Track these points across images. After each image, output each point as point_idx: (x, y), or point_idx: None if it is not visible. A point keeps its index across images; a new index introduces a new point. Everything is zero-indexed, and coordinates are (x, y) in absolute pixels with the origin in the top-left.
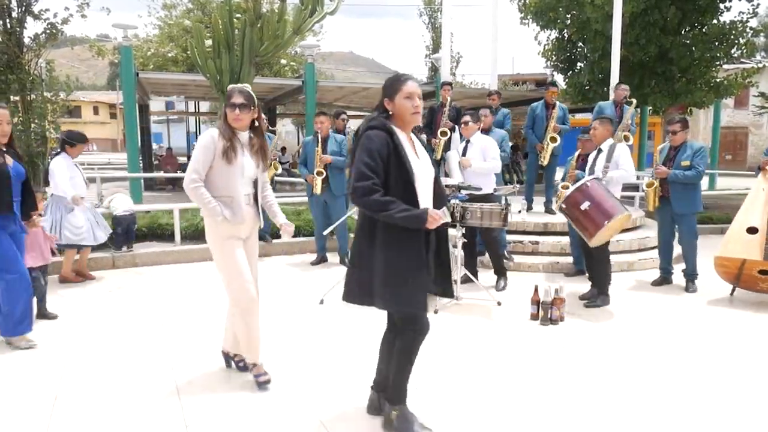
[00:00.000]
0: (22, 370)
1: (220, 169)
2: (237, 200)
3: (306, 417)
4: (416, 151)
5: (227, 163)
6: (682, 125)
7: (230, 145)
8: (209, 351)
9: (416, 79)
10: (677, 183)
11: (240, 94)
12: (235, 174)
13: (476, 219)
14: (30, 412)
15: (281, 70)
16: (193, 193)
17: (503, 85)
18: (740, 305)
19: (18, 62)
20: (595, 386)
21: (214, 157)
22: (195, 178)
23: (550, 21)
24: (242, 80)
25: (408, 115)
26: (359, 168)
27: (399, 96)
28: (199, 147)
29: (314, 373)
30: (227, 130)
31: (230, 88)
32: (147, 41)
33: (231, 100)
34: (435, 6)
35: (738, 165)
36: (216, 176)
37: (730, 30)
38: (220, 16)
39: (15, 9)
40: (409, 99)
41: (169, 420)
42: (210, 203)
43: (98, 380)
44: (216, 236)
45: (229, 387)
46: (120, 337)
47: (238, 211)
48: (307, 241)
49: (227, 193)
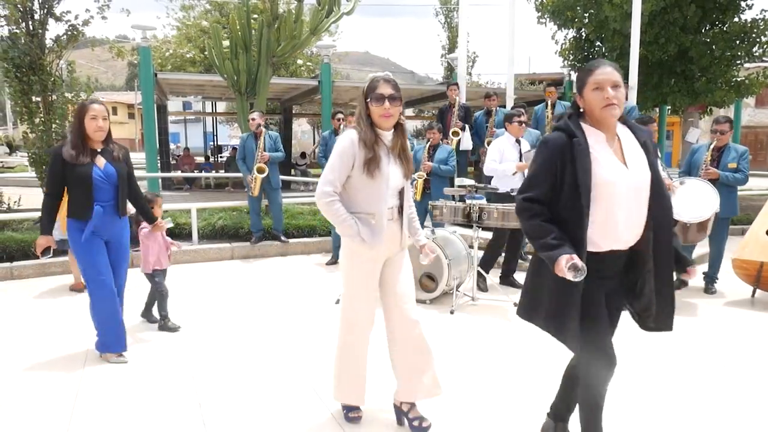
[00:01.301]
0: (41, 368)
1: (360, 181)
2: (379, 218)
3: (321, 414)
4: (624, 157)
5: (369, 177)
6: (730, 125)
7: (373, 155)
8: (227, 349)
9: (615, 65)
10: (724, 185)
11: (387, 84)
12: (379, 187)
13: (494, 219)
14: (47, 410)
15: (297, 71)
16: (327, 209)
17: (519, 84)
18: (761, 307)
19: (40, 63)
20: (612, 387)
21: (353, 165)
22: (329, 192)
23: (567, 20)
24: (259, 80)
25: (597, 110)
26: (526, 176)
27: (587, 89)
28: (336, 153)
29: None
30: (369, 133)
31: (373, 78)
32: (165, 42)
33: (377, 91)
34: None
35: (759, 165)
36: (355, 189)
37: (752, 28)
38: (238, 17)
39: (37, 11)
40: (598, 90)
41: (188, 418)
42: (345, 221)
43: (117, 378)
44: (351, 255)
45: (246, 386)
46: (137, 336)
47: (379, 232)
48: (323, 241)
49: (368, 209)
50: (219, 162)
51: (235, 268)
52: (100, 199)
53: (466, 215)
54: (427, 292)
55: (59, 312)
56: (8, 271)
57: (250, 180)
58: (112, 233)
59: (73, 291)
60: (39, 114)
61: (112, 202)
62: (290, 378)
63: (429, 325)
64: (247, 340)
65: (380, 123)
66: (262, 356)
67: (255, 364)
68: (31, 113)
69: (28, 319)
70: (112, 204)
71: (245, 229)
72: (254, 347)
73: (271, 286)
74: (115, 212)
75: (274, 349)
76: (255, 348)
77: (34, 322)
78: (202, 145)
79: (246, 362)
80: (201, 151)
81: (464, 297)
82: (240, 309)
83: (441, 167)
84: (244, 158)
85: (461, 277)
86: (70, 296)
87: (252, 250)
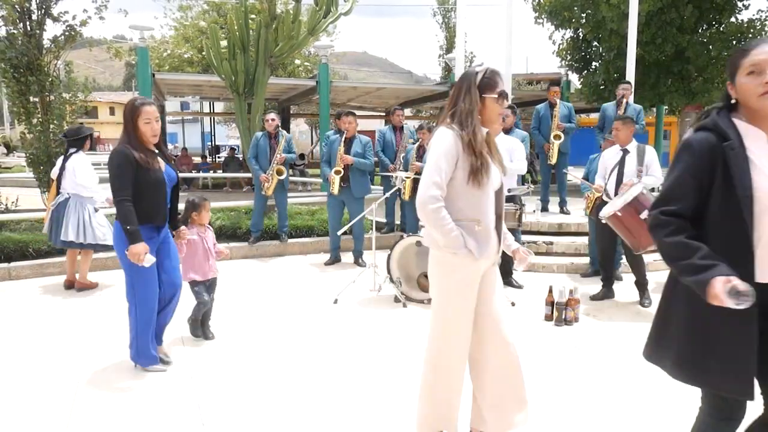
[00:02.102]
0: (39, 368)
1: (462, 186)
2: (486, 225)
3: (320, 416)
4: None
5: (476, 186)
6: None
7: (482, 162)
8: (225, 349)
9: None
10: None
11: (502, 80)
12: (485, 191)
13: None
14: (46, 411)
15: (295, 71)
16: (433, 217)
17: (517, 84)
18: None
19: (38, 64)
20: (610, 387)
21: (455, 168)
22: (436, 196)
23: (564, 20)
24: (257, 81)
25: (754, 99)
26: (664, 187)
27: (740, 74)
28: (440, 152)
29: (329, 374)
30: (480, 134)
31: (488, 70)
32: (163, 42)
33: (499, 88)
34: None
35: None
36: (455, 194)
37: (749, 29)
38: (236, 18)
39: (35, 11)
40: (754, 75)
41: (187, 417)
42: (452, 231)
43: (115, 379)
44: (448, 271)
45: (245, 386)
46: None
47: (486, 243)
48: (321, 241)
49: (473, 215)
50: (216, 162)
51: (233, 268)
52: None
53: None
54: (425, 292)
55: (57, 312)
56: (6, 272)
57: (263, 179)
58: (162, 237)
59: (70, 289)
60: (37, 114)
61: (169, 206)
62: (289, 378)
63: (427, 324)
64: (246, 340)
65: (494, 120)
66: (261, 356)
67: (253, 365)
68: (28, 114)
69: (26, 319)
70: (169, 207)
71: (243, 230)
72: (252, 347)
73: (269, 286)
74: (171, 214)
75: (272, 349)
76: (253, 348)
77: (32, 323)
78: (199, 145)
79: (244, 362)
80: (199, 151)
81: None
82: (238, 309)
83: None
84: (257, 157)
85: None
86: (68, 296)
87: (250, 250)
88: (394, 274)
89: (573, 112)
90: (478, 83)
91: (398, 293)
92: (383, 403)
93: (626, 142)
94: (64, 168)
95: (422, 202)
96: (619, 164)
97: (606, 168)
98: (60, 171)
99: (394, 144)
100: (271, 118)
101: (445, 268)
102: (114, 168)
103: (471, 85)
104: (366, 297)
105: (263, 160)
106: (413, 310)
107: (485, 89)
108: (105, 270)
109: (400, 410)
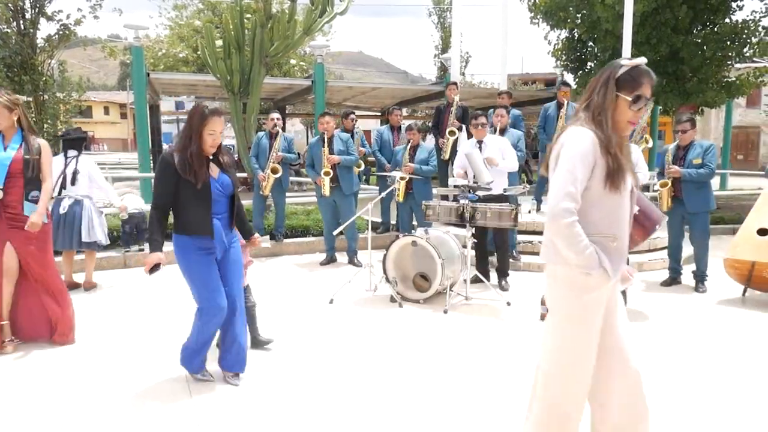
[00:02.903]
0: (38, 368)
1: (600, 194)
2: (622, 240)
3: (316, 415)
4: None
5: (614, 190)
6: (691, 124)
7: (619, 164)
8: None
9: None
10: (690, 182)
11: (651, 84)
12: (622, 202)
13: (486, 219)
14: (40, 408)
15: (291, 70)
16: (564, 232)
17: (512, 84)
18: (752, 305)
19: (31, 63)
20: None
21: (591, 174)
22: (570, 209)
23: (560, 20)
24: (252, 80)
25: None
26: None
27: None
28: (576, 157)
29: (325, 374)
30: (610, 135)
31: (637, 66)
32: (158, 42)
33: (638, 91)
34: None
35: (750, 165)
36: (590, 205)
37: (743, 29)
38: (231, 17)
39: (28, 10)
40: None
41: (181, 417)
42: (586, 249)
43: (114, 379)
44: (576, 293)
45: (241, 385)
46: (131, 336)
47: (620, 260)
48: (316, 241)
49: (608, 230)
50: None
51: None
52: (217, 212)
53: (459, 215)
54: (421, 292)
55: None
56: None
57: (262, 178)
58: (223, 248)
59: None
60: (30, 114)
61: (227, 214)
62: (285, 377)
63: (423, 324)
64: None
65: (621, 128)
66: (257, 356)
67: (249, 364)
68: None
69: None
70: (227, 216)
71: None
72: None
73: (265, 287)
74: (229, 225)
75: (268, 349)
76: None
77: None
78: None
79: None
80: None
81: (457, 296)
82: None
83: (422, 168)
84: (257, 156)
85: (454, 277)
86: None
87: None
88: (389, 274)
89: None
90: (618, 76)
91: (394, 293)
92: (379, 402)
93: None
94: (65, 171)
95: (554, 216)
96: None
97: None
98: (63, 174)
99: (392, 144)
100: (274, 117)
101: (573, 290)
102: (156, 173)
103: (610, 77)
104: (362, 297)
105: (263, 160)
106: (409, 309)
107: (622, 86)
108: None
109: (397, 410)
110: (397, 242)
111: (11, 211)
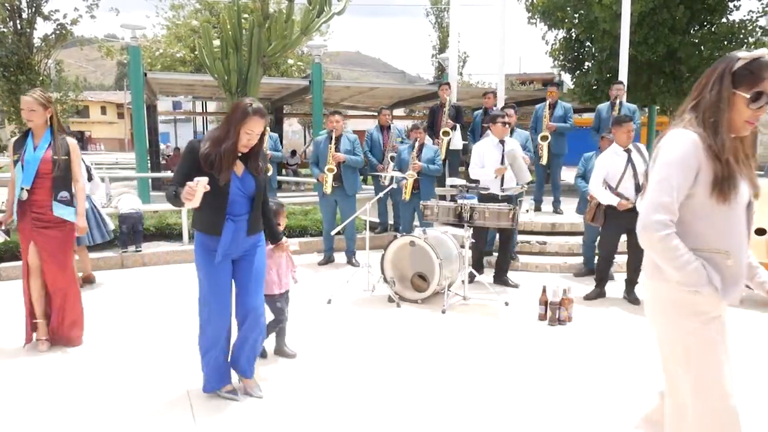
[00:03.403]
0: (37, 368)
1: (705, 205)
2: (738, 260)
3: (313, 415)
4: None
5: (722, 201)
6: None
7: (729, 172)
8: None
9: None
10: None
11: None
12: (735, 213)
13: (484, 219)
14: (39, 411)
15: (288, 70)
16: (658, 246)
17: (510, 84)
18: (750, 305)
19: (28, 63)
20: (604, 387)
21: (694, 181)
22: (664, 221)
23: (557, 20)
24: (250, 80)
25: None
26: None
27: None
28: (673, 162)
29: (323, 374)
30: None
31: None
32: (155, 41)
33: (759, 87)
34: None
35: None
36: (695, 216)
37: (740, 29)
38: (228, 17)
39: (25, 10)
40: None
41: (179, 414)
42: (689, 263)
43: (110, 378)
44: (686, 315)
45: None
46: (129, 336)
47: (735, 283)
48: (314, 241)
49: (717, 243)
50: None
51: None
52: (233, 213)
53: (458, 215)
54: (419, 292)
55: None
56: None
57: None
58: (241, 251)
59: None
60: None
61: (246, 217)
62: (283, 377)
63: (420, 324)
64: None
65: (737, 129)
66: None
67: None
68: (18, 113)
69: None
70: (246, 219)
71: None
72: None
73: None
74: (248, 228)
75: (267, 349)
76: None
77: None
78: None
79: None
80: None
81: (455, 296)
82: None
83: (429, 167)
84: None
85: (452, 277)
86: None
87: None
88: (387, 274)
89: (570, 113)
90: (734, 71)
91: (392, 293)
92: (377, 402)
93: (627, 144)
94: None
95: (645, 228)
96: (629, 167)
97: (612, 173)
98: None
99: (381, 143)
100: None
101: (681, 312)
102: (181, 155)
103: (725, 71)
104: (360, 297)
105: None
106: (407, 310)
107: (740, 82)
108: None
109: (395, 410)
110: (395, 242)
111: (37, 210)
